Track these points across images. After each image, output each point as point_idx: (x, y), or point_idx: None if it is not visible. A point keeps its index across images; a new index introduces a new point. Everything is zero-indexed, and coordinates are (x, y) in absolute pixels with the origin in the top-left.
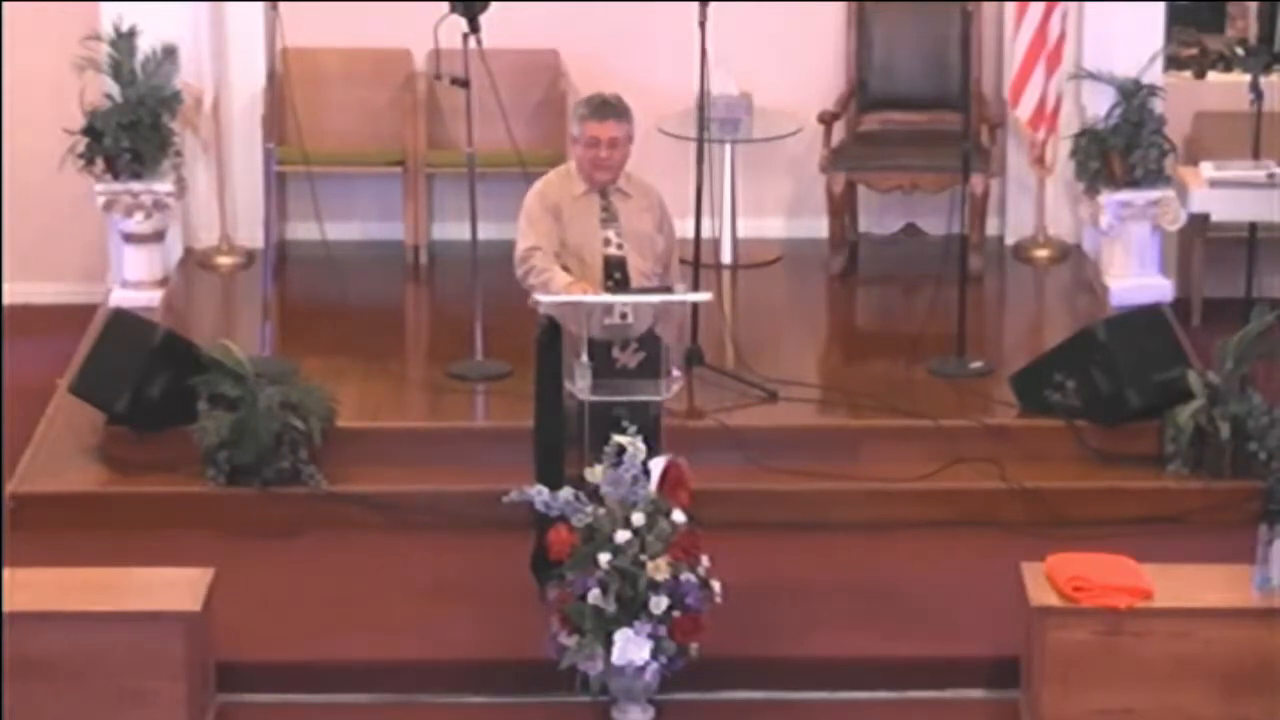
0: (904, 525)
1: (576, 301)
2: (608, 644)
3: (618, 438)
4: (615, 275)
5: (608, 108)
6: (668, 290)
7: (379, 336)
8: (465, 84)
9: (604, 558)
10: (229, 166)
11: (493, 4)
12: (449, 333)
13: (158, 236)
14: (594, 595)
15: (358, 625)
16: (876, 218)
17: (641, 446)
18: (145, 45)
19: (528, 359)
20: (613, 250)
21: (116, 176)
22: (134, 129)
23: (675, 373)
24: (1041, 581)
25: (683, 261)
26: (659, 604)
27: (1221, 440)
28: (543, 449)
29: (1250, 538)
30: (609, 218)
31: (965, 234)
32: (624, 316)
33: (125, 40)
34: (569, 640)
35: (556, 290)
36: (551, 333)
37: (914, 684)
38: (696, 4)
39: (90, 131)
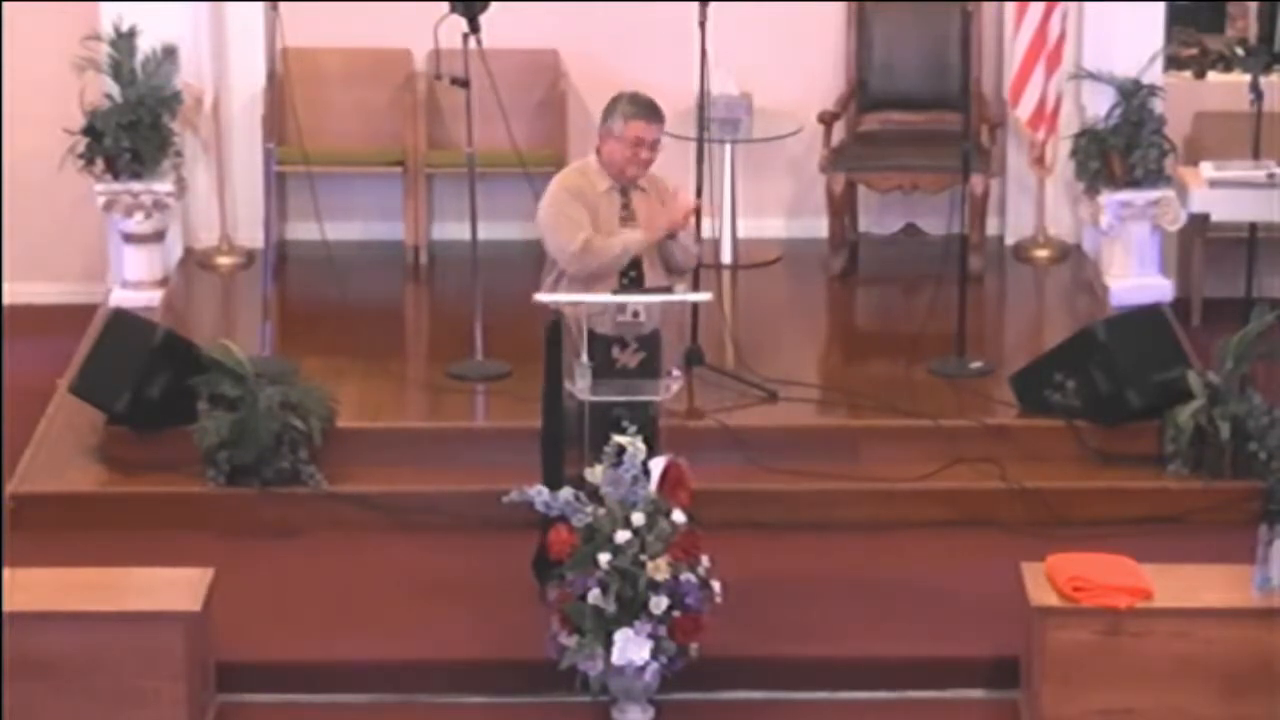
0: (904, 525)
1: (579, 301)
2: (608, 644)
3: (618, 438)
4: (630, 273)
5: (655, 110)
6: (668, 290)
7: (379, 336)
8: (465, 84)
9: (604, 558)
10: (229, 166)
11: (493, 4)
12: (449, 333)
13: (158, 236)
14: (594, 595)
15: (358, 625)
16: (876, 218)
17: (641, 446)
18: (145, 45)
19: (528, 359)
20: None
21: (116, 176)
22: (134, 129)
23: (675, 373)
24: (1041, 581)
25: None
26: (659, 604)
27: (1221, 440)
28: (547, 447)
29: (1250, 538)
30: (628, 215)
31: (965, 234)
32: (636, 315)
33: (125, 40)
34: (569, 640)
35: (635, 241)
36: (558, 329)
37: (914, 684)
38: (696, 4)
39: (90, 131)
